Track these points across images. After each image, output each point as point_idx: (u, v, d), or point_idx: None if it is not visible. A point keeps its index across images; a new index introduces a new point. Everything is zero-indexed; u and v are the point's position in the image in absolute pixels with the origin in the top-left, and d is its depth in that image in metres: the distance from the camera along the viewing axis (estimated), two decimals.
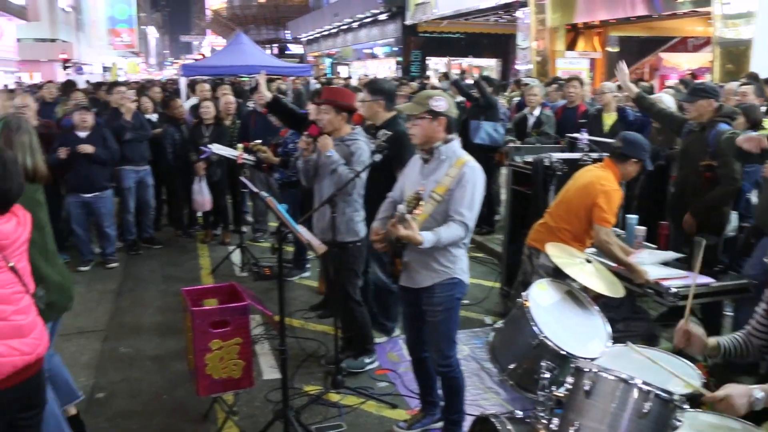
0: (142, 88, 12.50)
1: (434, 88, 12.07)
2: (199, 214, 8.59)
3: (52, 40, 41.12)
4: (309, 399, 4.46)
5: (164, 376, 4.91)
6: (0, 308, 2.60)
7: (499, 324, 3.59)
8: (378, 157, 4.24)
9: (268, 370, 4.96)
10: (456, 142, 3.67)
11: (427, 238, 3.37)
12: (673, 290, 4.02)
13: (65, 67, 32.94)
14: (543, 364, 3.03)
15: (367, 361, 4.92)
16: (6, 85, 22.93)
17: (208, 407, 4.30)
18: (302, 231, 3.76)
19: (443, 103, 3.57)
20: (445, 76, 13.73)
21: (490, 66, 27.75)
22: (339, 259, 4.56)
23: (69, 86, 11.32)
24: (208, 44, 78.19)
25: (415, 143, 3.70)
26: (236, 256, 7.55)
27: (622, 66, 5.88)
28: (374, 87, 5.12)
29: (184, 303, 4.09)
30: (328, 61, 41.57)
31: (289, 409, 3.90)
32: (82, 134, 6.97)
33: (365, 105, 5.04)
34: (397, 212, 3.34)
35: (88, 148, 6.81)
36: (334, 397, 4.51)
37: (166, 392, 4.68)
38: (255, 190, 4.04)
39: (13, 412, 2.73)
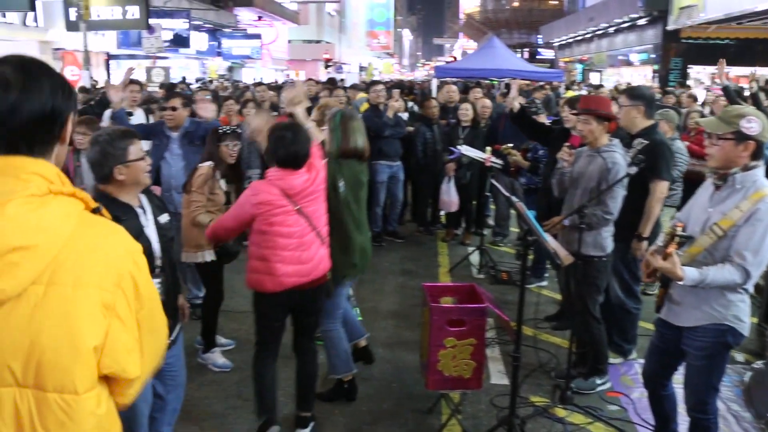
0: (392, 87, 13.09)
1: (691, 97, 11.21)
2: (442, 212, 8.78)
3: (318, 42, 44.64)
4: (535, 410, 4.37)
5: (395, 365, 5.09)
6: (284, 242, 3.62)
7: (758, 364, 3.23)
8: (633, 170, 4.03)
9: (497, 374, 4.94)
10: (759, 171, 3.17)
11: (689, 275, 3.03)
12: None
13: (327, 66, 35.52)
14: None
15: (599, 382, 4.70)
16: (276, 80, 25.31)
17: (434, 402, 4.40)
18: (549, 239, 3.68)
19: (756, 125, 3.09)
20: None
21: (764, 75, 25.08)
22: (582, 272, 4.40)
23: (331, 83, 12.22)
24: (460, 47, 79.75)
25: (711, 166, 3.30)
26: (475, 258, 7.60)
27: None
28: (634, 92, 4.88)
29: (424, 298, 4.19)
30: (579, 67, 40.42)
31: (515, 417, 3.85)
32: None
33: (623, 111, 4.81)
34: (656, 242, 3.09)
35: None
36: (560, 412, 4.37)
37: (396, 381, 4.84)
38: (506, 194, 4.03)
39: (294, 313, 3.90)
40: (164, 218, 3.21)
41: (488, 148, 7.25)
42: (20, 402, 1.51)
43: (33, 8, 15.80)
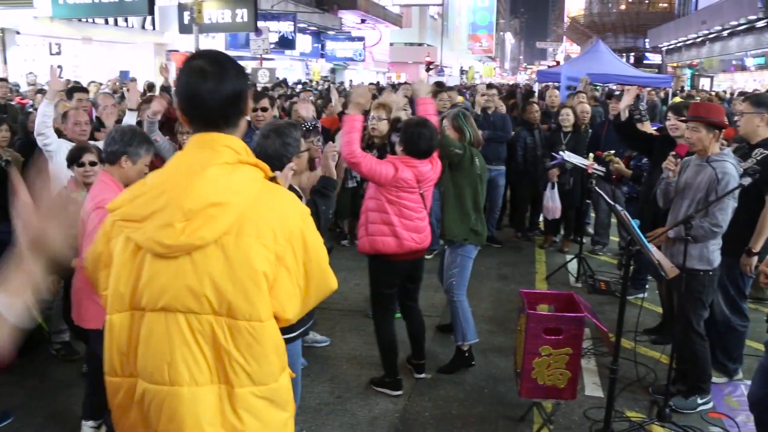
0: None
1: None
2: (541, 218, 8.67)
3: (419, 44, 44.84)
4: (630, 425, 4.25)
5: (488, 370, 5.07)
6: (409, 213, 4.39)
7: None
8: (747, 181, 3.86)
9: (591, 386, 4.84)
10: None
11: None
12: None
13: (428, 69, 35.62)
14: None
15: (700, 401, 4.51)
16: (377, 82, 25.60)
17: (526, 410, 4.35)
18: (653, 250, 3.59)
19: None
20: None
21: None
22: (686, 286, 4.25)
23: (439, 86, 12.30)
24: (563, 51, 78.22)
25: None
26: (573, 266, 7.47)
27: None
28: (758, 99, 4.67)
29: (521, 304, 4.17)
30: (688, 72, 38.84)
31: (609, 431, 3.77)
32: None
33: (744, 118, 4.61)
34: None
35: None
36: (657, 430, 4.24)
37: (488, 386, 4.83)
38: (611, 202, 3.95)
39: (404, 279, 4.62)
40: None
41: (591, 155, 7.10)
42: (216, 327, 1.86)
43: (152, 13, 16.70)
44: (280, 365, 1.99)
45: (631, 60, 45.24)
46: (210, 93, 1.86)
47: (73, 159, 4.24)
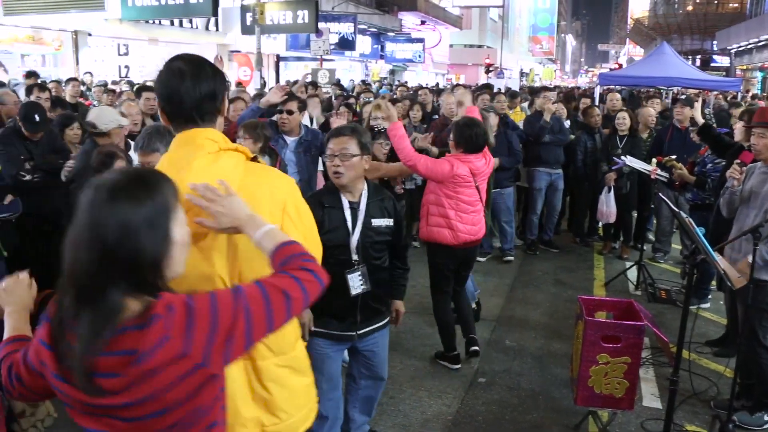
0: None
1: None
2: (600, 224, 8.52)
3: (479, 46, 44.58)
4: None
5: (543, 376, 5.01)
6: (465, 207, 4.81)
7: None
8: None
9: (649, 397, 4.73)
10: None
11: None
12: None
13: (487, 71, 35.37)
14: None
15: (767, 419, 4.36)
16: (437, 84, 25.57)
17: (581, 418, 4.28)
18: (719, 259, 3.48)
19: None
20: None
21: None
22: (753, 297, 4.10)
23: (488, 89, 12.22)
24: (625, 54, 76.70)
25: None
26: (632, 273, 7.30)
27: None
28: None
29: (578, 310, 4.10)
30: (759, 75, 37.52)
31: None
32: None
33: None
34: None
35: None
36: None
37: (543, 392, 4.77)
38: (675, 209, 3.84)
39: (460, 264, 5.01)
40: (381, 222, 3.47)
41: (654, 160, 6.93)
42: None
43: (216, 14, 17.06)
44: (294, 335, 2.22)
45: (698, 63, 44.03)
46: (187, 91, 1.98)
47: (104, 165, 3.96)
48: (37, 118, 5.45)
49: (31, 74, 10.97)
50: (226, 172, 1.97)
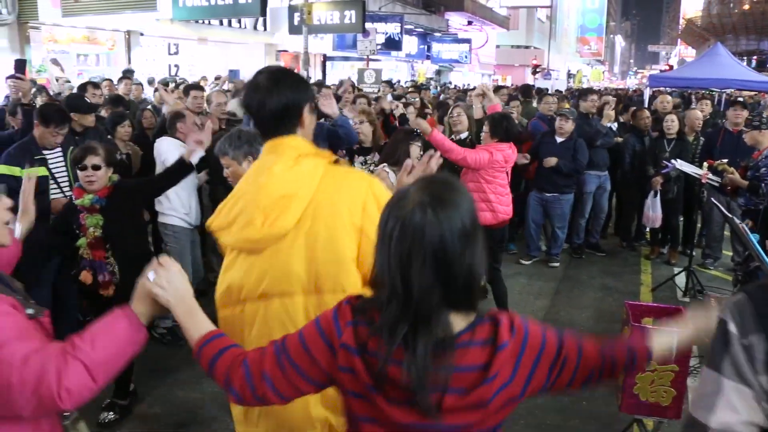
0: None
1: None
2: (648, 228, 8.37)
3: (526, 47, 44.14)
4: None
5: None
6: (501, 189, 5.58)
7: None
8: None
9: None
10: None
11: None
12: None
13: (534, 72, 35.02)
14: None
15: None
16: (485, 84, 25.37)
17: (626, 426, 4.20)
18: None
19: None
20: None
21: None
22: None
23: (529, 90, 12.13)
24: (677, 55, 75.13)
25: None
26: (681, 279, 7.14)
27: None
28: None
29: (625, 316, 4.03)
30: None
31: None
32: (559, 139, 7.38)
33: None
34: None
35: (551, 161, 7.24)
36: None
37: (587, 399, 4.70)
38: (728, 214, 3.76)
39: (496, 244, 5.68)
40: None
41: (705, 164, 6.77)
42: (308, 305, 2.09)
43: (264, 14, 17.27)
44: None
45: (753, 64, 42.82)
46: (257, 107, 2.11)
47: (76, 161, 3.77)
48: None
49: (127, 72, 11.78)
50: (303, 175, 2.08)
